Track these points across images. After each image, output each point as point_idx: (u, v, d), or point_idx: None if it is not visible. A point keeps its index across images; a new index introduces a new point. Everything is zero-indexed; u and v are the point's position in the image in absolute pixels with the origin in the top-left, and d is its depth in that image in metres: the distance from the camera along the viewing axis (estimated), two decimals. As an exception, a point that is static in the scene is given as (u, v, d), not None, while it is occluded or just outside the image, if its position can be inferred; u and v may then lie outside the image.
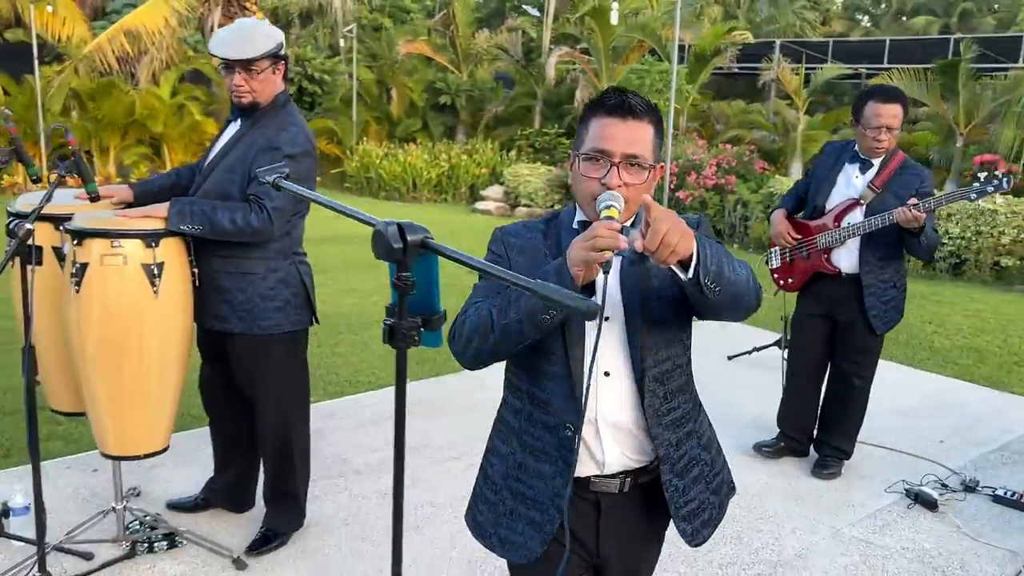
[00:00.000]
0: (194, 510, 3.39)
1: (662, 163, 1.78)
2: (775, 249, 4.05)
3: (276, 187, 1.55)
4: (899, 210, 3.42)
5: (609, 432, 1.73)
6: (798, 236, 3.90)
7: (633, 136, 1.66)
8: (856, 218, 3.69)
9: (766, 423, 4.43)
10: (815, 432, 4.12)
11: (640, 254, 1.54)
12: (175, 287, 2.73)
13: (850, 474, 4.03)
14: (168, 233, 2.71)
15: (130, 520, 3.19)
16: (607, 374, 1.71)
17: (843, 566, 3.22)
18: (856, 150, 3.75)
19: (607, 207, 1.58)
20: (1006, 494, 3.77)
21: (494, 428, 1.89)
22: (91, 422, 2.83)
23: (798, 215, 4.00)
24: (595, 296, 1.65)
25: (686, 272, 1.52)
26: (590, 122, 1.70)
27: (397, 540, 1.48)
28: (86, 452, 3.88)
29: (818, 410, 4.09)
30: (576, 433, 1.67)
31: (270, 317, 2.94)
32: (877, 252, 3.71)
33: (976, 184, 3.46)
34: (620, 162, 1.65)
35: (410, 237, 1.21)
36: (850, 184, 3.75)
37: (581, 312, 1.20)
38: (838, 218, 3.75)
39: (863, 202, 3.68)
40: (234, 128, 3.01)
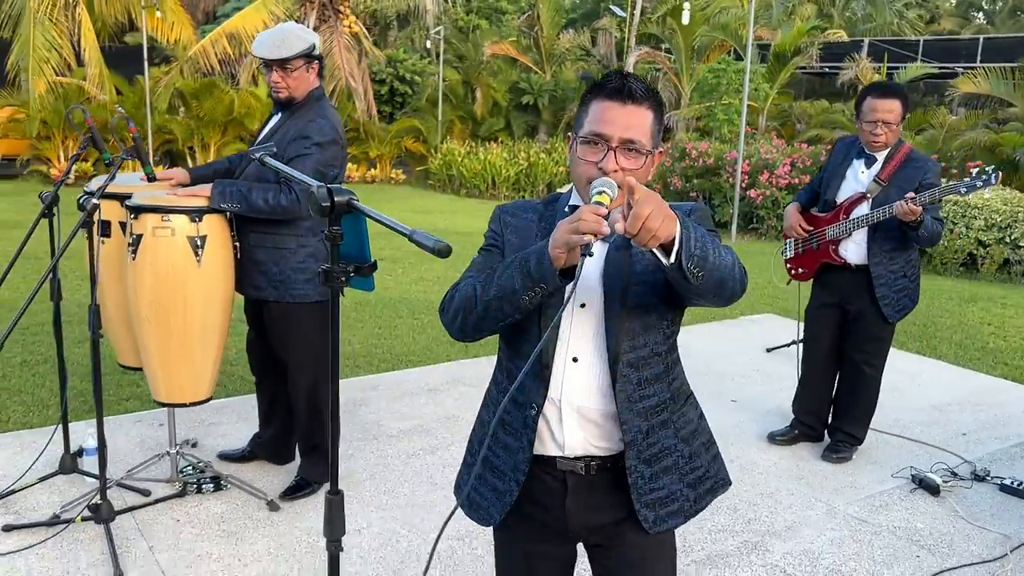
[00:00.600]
0: (241, 460, 3.81)
1: (661, 149, 1.77)
2: (789, 240, 4.20)
3: (262, 163, 1.88)
4: (896, 204, 3.55)
5: (573, 417, 1.73)
6: (810, 228, 4.05)
7: (631, 121, 1.66)
8: (863, 211, 3.82)
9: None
10: (830, 419, 4.26)
11: (626, 240, 1.57)
12: (216, 257, 3.13)
13: (861, 460, 4.15)
14: (210, 210, 3.12)
15: (183, 465, 3.63)
16: (575, 360, 1.72)
17: (830, 539, 3.38)
18: (862, 146, 3.88)
19: (599, 192, 1.57)
20: (1012, 483, 3.83)
21: (484, 398, 1.94)
22: (146, 374, 3.28)
23: (813, 209, 4.15)
24: (564, 292, 1.64)
25: (668, 256, 1.49)
26: (590, 105, 1.70)
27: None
28: (155, 409, 4.36)
29: (832, 397, 4.23)
30: (538, 412, 1.72)
31: (300, 287, 3.31)
32: (886, 244, 3.84)
33: (966, 179, 3.55)
34: (617, 146, 1.65)
35: (337, 198, 1.53)
36: (857, 178, 3.89)
37: (429, 249, 1.47)
38: (846, 211, 3.89)
39: (869, 195, 3.81)
40: (275, 120, 3.41)
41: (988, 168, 3.50)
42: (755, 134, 13.86)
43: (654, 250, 1.48)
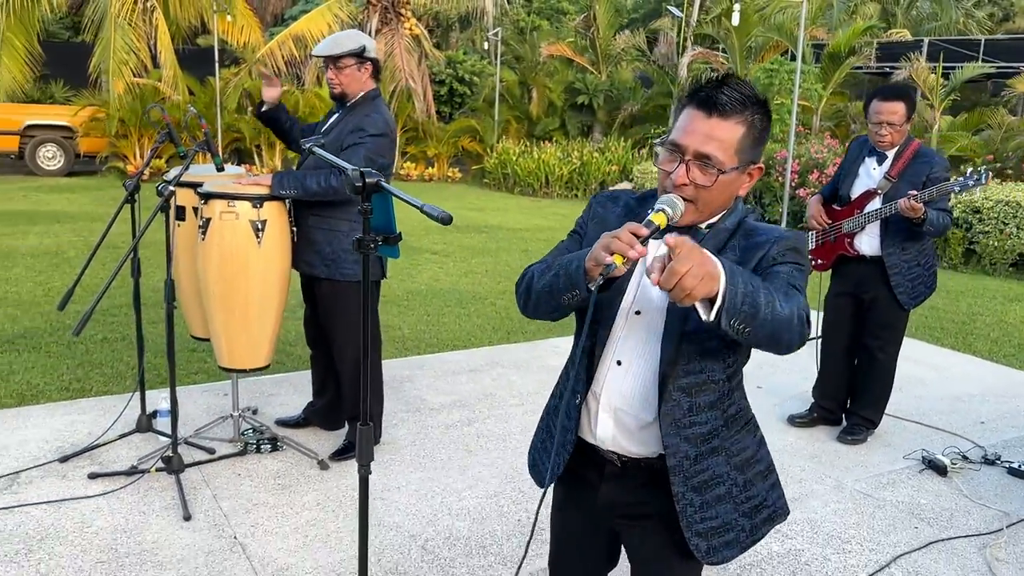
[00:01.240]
0: (295, 427, 4.20)
1: (759, 165, 1.70)
2: (811, 233, 4.43)
3: (311, 152, 2.24)
4: (900, 202, 3.78)
5: (608, 414, 1.75)
6: (829, 221, 4.28)
7: (713, 134, 1.59)
8: (875, 206, 4.04)
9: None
10: (848, 403, 4.47)
11: (714, 251, 1.54)
12: (274, 239, 3.52)
13: (876, 442, 4.35)
14: (271, 197, 3.50)
15: (244, 428, 4.04)
16: (619, 363, 1.73)
17: (833, 510, 3.61)
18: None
19: (658, 211, 1.56)
20: (1020, 466, 4.00)
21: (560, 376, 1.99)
22: (212, 342, 3.69)
23: (835, 205, 4.37)
24: (624, 295, 1.71)
25: (708, 312, 1.43)
26: (682, 111, 1.65)
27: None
28: (221, 381, 4.79)
29: (849, 382, 4.44)
30: (582, 401, 1.78)
31: (350, 267, 3.67)
32: (898, 236, 4.04)
33: (960, 179, 3.76)
34: (691, 159, 1.60)
35: (368, 179, 1.87)
36: (869, 175, 4.11)
37: (435, 218, 1.79)
38: (859, 206, 4.11)
39: (880, 191, 4.03)
40: (335, 116, 3.79)
41: (981, 168, 3.71)
42: (808, 134, 13.89)
43: (695, 304, 1.42)
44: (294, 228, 3.67)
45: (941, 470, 3.98)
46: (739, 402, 1.79)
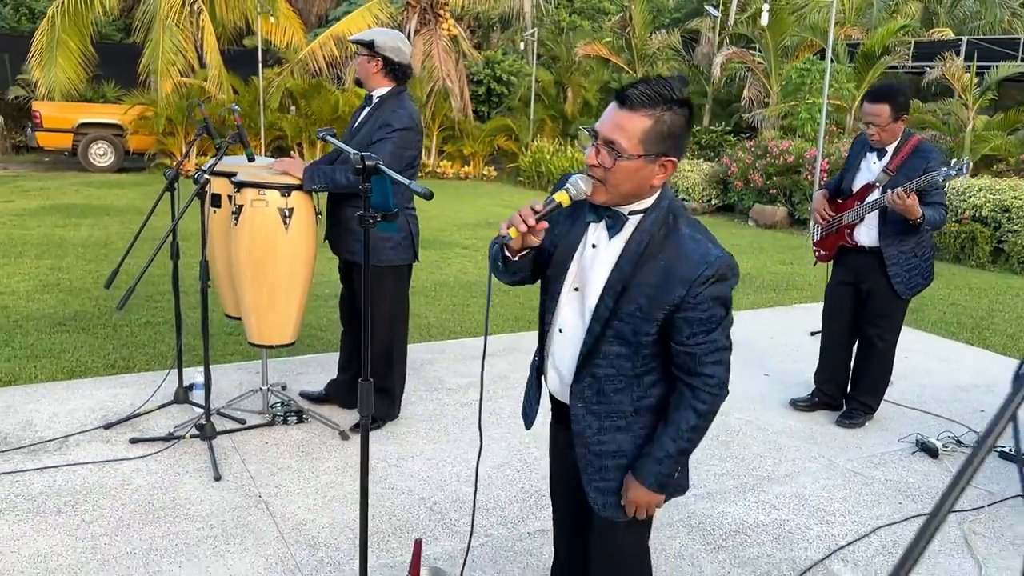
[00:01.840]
0: (316, 401, 4.50)
1: (671, 159, 1.82)
2: (817, 226, 4.61)
3: (324, 140, 2.51)
4: (886, 196, 3.97)
5: (554, 370, 2.06)
6: (831, 214, 4.46)
7: (620, 123, 1.77)
8: (873, 198, 4.21)
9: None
10: (848, 389, 4.64)
11: (636, 260, 1.84)
12: (301, 225, 3.81)
13: (873, 427, 4.51)
14: (298, 187, 3.79)
15: (273, 401, 4.34)
16: (560, 330, 2.00)
17: (823, 486, 3.80)
18: None
19: (563, 190, 1.84)
20: (1011, 451, 4.14)
21: None
22: (243, 320, 3.99)
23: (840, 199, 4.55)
24: (568, 272, 1.96)
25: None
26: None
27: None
28: (253, 361, 5.11)
29: (850, 368, 4.61)
30: (542, 358, 2.11)
31: (385, 253, 3.94)
32: (895, 228, 4.21)
33: (944, 168, 3.91)
34: (600, 143, 1.80)
35: (368, 163, 2.13)
36: (870, 169, 4.28)
37: (419, 194, 2.05)
38: (860, 198, 4.28)
39: (878, 184, 4.20)
40: (364, 112, 4.06)
41: (964, 159, 3.87)
42: (841, 133, 13.90)
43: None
44: (319, 214, 3.96)
45: (933, 452, 4.14)
46: (658, 397, 1.97)
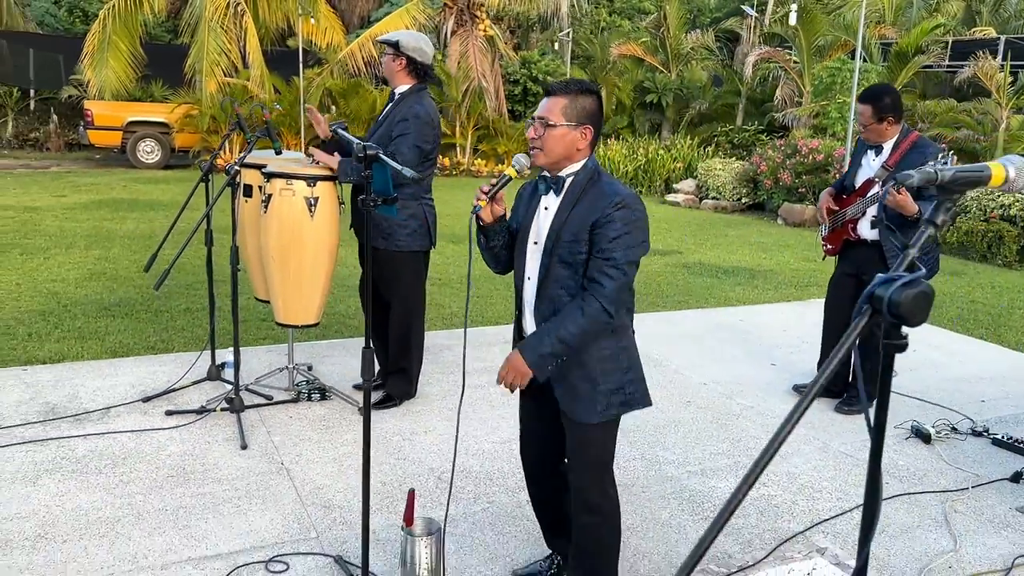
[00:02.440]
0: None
1: (587, 127, 2.44)
2: (825, 222, 4.78)
3: (336, 134, 2.77)
4: (883, 194, 4.13)
5: (529, 314, 2.56)
6: (835, 208, 4.63)
7: (547, 106, 2.43)
8: (873, 193, 4.37)
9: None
10: (849, 377, 4.80)
11: (569, 208, 2.41)
12: (325, 213, 4.09)
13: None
14: (324, 178, 4.07)
15: (299, 379, 4.64)
16: (529, 278, 2.54)
17: (813, 466, 3.98)
18: None
19: (511, 166, 2.53)
20: (1003, 438, 4.27)
21: None
22: (271, 302, 4.29)
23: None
24: (529, 232, 2.53)
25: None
26: None
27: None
28: (281, 344, 5.42)
29: (851, 357, 4.76)
30: (520, 308, 2.62)
31: (403, 239, 4.21)
32: (894, 222, 4.35)
33: (931, 163, 4.05)
34: (536, 122, 2.44)
35: (369, 152, 2.39)
36: (869, 165, 4.44)
37: (407, 178, 2.31)
38: (861, 193, 4.46)
39: (878, 180, 4.36)
40: (387, 108, 4.33)
41: (949, 152, 4.03)
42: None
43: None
44: (342, 204, 4.24)
45: (926, 438, 4.29)
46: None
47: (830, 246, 4.74)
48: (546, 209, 2.51)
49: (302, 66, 15.94)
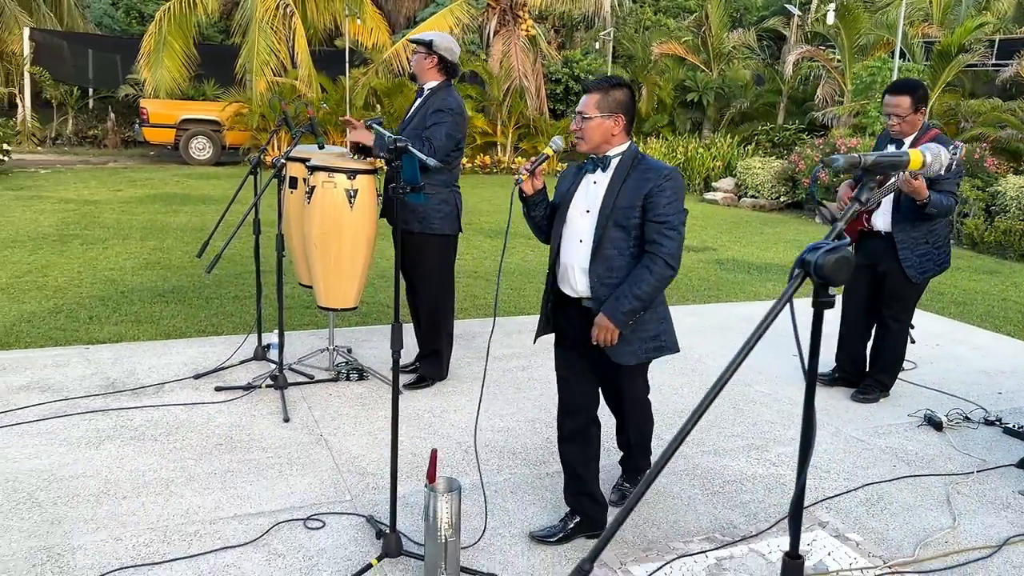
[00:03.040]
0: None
1: (618, 115, 2.87)
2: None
3: (369, 128, 3.04)
4: (899, 175, 4.25)
5: (574, 271, 2.94)
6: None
7: (585, 101, 2.90)
8: (889, 183, 4.51)
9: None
10: (867, 367, 4.95)
11: (621, 178, 2.85)
12: (364, 204, 4.37)
13: (887, 403, 4.81)
14: (363, 171, 4.36)
15: (338, 360, 4.94)
16: (581, 241, 2.92)
17: (824, 449, 4.15)
18: None
19: (549, 146, 3.00)
20: (1015, 426, 4.39)
21: None
22: (313, 286, 4.59)
23: (857, 185, 4.87)
24: (573, 202, 2.97)
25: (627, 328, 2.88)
26: None
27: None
28: (323, 328, 5.73)
29: (868, 347, 4.92)
30: (556, 269, 3.04)
31: (435, 223, 4.47)
32: (908, 214, 4.51)
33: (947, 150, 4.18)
34: (577, 115, 2.92)
35: (399, 144, 2.65)
36: (888, 159, 4.59)
37: (431, 166, 2.57)
38: (877, 185, 4.60)
39: (894, 173, 4.50)
40: (418, 102, 4.60)
41: (958, 142, 4.16)
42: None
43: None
44: (380, 196, 4.53)
45: (938, 426, 4.42)
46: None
47: (848, 238, 4.88)
48: (595, 183, 2.93)
49: (348, 66, 16.37)
